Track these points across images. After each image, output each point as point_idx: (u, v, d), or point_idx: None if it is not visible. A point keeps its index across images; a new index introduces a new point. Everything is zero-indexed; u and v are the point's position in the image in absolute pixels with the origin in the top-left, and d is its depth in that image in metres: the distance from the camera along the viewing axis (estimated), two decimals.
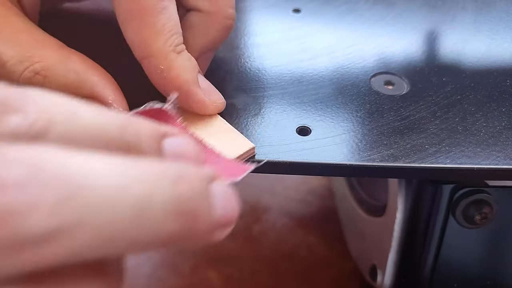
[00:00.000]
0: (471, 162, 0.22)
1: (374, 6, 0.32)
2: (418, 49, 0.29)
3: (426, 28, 0.31)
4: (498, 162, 0.22)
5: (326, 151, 0.22)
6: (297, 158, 0.22)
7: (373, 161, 0.22)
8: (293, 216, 0.42)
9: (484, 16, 0.32)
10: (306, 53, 0.28)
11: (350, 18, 0.31)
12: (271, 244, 0.40)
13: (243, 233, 0.41)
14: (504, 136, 0.24)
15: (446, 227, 0.26)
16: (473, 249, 0.27)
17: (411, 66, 0.28)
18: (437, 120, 0.24)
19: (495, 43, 0.30)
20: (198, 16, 0.24)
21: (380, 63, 0.28)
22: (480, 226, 0.26)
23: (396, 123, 0.24)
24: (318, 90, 0.26)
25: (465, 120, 0.24)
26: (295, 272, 0.38)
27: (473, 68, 0.28)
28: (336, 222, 0.40)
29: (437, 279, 0.28)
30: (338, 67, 0.27)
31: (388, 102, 0.25)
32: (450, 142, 0.23)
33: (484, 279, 0.28)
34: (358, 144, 0.23)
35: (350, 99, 0.25)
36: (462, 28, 0.31)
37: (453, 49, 0.29)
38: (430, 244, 0.27)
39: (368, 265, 0.32)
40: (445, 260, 0.27)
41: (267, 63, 0.27)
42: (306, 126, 0.24)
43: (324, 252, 0.39)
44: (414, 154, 0.22)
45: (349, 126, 0.24)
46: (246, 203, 0.43)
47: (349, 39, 0.30)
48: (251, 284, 0.37)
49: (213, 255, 0.39)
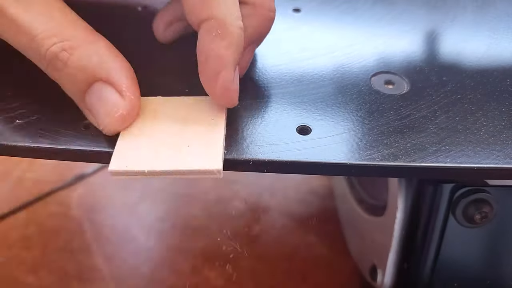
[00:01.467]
0: (471, 161, 0.22)
1: (374, 6, 0.32)
2: (418, 48, 0.29)
3: (426, 28, 0.31)
4: (498, 161, 0.22)
5: (326, 150, 0.22)
6: (297, 157, 0.22)
7: (373, 160, 0.22)
8: (293, 216, 0.42)
9: (484, 16, 0.32)
10: (306, 52, 0.28)
11: (350, 18, 0.31)
12: (271, 244, 0.40)
13: (243, 233, 0.41)
14: (504, 135, 0.23)
15: (446, 226, 0.26)
16: (473, 248, 0.27)
17: (411, 66, 0.28)
18: (437, 120, 0.24)
19: (495, 43, 0.30)
20: (244, 9, 0.24)
21: (380, 62, 0.28)
22: (480, 226, 0.26)
23: (396, 122, 0.24)
24: (318, 90, 0.26)
25: (465, 120, 0.24)
26: (295, 272, 0.38)
27: (473, 67, 0.28)
28: (336, 222, 0.40)
29: (437, 278, 0.28)
30: (338, 66, 0.27)
31: (388, 102, 0.25)
32: (450, 142, 0.23)
33: (484, 278, 0.28)
34: (358, 143, 0.23)
35: (350, 99, 0.25)
36: (462, 28, 0.31)
37: (453, 48, 0.29)
38: (430, 243, 0.27)
39: (368, 265, 0.32)
40: (445, 259, 0.27)
41: (267, 63, 0.27)
42: (306, 125, 0.24)
43: (324, 252, 0.39)
44: (414, 153, 0.22)
45: (349, 125, 0.24)
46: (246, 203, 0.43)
47: (349, 39, 0.30)
48: (251, 284, 0.37)
49: (213, 255, 0.39)
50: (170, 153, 0.22)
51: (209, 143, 0.22)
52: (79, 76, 0.22)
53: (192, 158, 0.21)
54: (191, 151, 0.22)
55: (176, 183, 0.45)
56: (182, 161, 0.21)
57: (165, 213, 0.42)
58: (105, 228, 0.41)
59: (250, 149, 0.22)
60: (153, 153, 0.22)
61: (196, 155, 0.22)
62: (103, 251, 0.39)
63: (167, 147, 0.22)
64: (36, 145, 0.22)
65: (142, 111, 0.23)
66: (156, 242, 0.40)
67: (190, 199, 0.43)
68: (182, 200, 0.43)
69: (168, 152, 0.22)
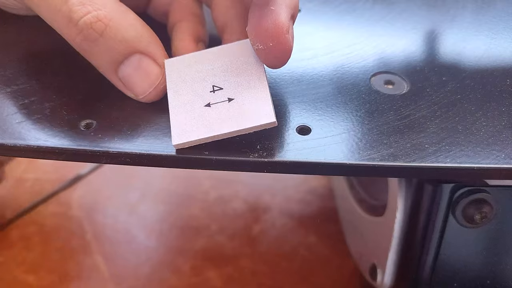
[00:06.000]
0: (471, 161, 0.22)
1: (374, 6, 0.32)
2: (418, 48, 0.29)
3: (426, 28, 0.31)
4: (498, 161, 0.22)
5: (326, 151, 0.22)
6: (297, 157, 0.22)
7: (373, 160, 0.22)
8: (293, 216, 0.42)
9: (484, 16, 0.32)
10: (306, 52, 0.28)
11: (350, 18, 0.31)
12: (271, 244, 0.40)
13: (243, 233, 0.41)
14: (504, 135, 0.23)
15: (446, 226, 0.26)
16: (473, 248, 0.27)
17: (411, 66, 0.28)
18: (437, 120, 0.24)
19: (495, 43, 0.30)
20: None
21: (380, 62, 0.28)
22: (480, 226, 0.26)
23: (396, 122, 0.24)
24: (318, 90, 0.26)
25: (465, 120, 0.24)
26: (295, 272, 0.38)
27: (473, 67, 0.28)
28: (336, 222, 0.40)
29: (437, 278, 0.28)
30: (338, 66, 0.27)
31: (388, 102, 0.25)
32: (450, 142, 0.23)
33: (484, 278, 0.28)
34: (358, 144, 0.23)
35: (350, 99, 0.25)
36: (462, 28, 0.31)
37: (453, 48, 0.29)
38: (430, 243, 0.27)
39: (368, 264, 0.32)
40: (445, 259, 0.27)
41: None
42: (306, 126, 0.24)
43: (324, 252, 0.39)
44: (414, 153, 0.22)
45: (349, 125, 0.24)
46: (246, 203, 0.43)
47: (349, 39, 0.30)
48: (251, 284, 0.37)
49: (213, 255, 0.39)
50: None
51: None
52: (117, 47, 0.22)
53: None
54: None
55: (176, 183, 0.45)
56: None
57: (165, 213, 0.42)
58: (105, 228, 0.41)
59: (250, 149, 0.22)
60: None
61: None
62: (103, 251, 0.39)
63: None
64: (36, 145, 0.22)
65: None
66: (156, 242, 0.40)
67: (190, 199, 0.43)
68: (182, 200, 0.43)
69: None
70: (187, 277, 0.38)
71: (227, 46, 0.25)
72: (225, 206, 0.43)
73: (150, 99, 0.24)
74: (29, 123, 0.23)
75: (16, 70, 0.26)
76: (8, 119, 0.23)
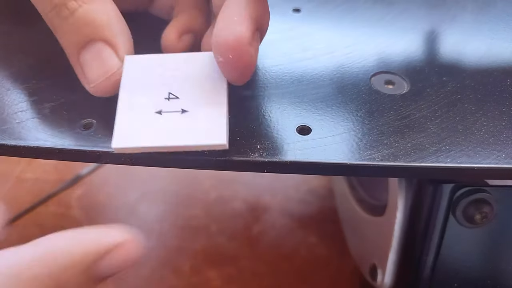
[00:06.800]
0: (471, 161, 0.22)
1: (373, 6, 0.32)
2: (418, 48, 0.29)
3: (426, 28, 0.31)
4: (499, 161, 0.22)
5: (326, 151, 0.22)
6: (297, 157, 0.22)
7: (373, 161, 0.22)
8: (293, 216, 0.42)
9: (484, 16, 0.32)
10: (306, 52, 0.28)
11: (350, 18, 0.31)
12: (271, 244, 0.40)
13: (243, 233, 0.41)
14: (504, 135, 0.23)
15: (446, 226, 0.26)
16: (473, 248, 0.27)
17: (411, 66, 0.28)
18: (437, 120, 0.24)
19: (495, 43, 0.30)
20: None
21: (380, 62, 0.28)
22: (480, 226, 0.26)
23: (396, 122, 0.24)
24: (318, 90, 0.26)
25: (466, 120, 0.24)
26: (295, 272, 0.38)
27: (473, 67, 0.28)
28: (336, 222, 0.40)
29: (437, 278, 0.28)
30: (338, 66, 0.27)
31: (388, 102, 0.25)
32: (450, 142, 0.23)
33: (484, 278, 0.28)
34: (358, 143, 0.23)
35: (350, 99, 0.25)
36: (462, 28, 0.31)
37: (453, 48, 0.29)
38: (430, 243, 0.27)
39: (368, 264, 0.32)
40: (445, 259, 0.27)
41: (267, 63, 0.27)
42: (306, 125, 0.24)
43: (324, 252, 0.39)
44: (414, 153, 0.22)
45: (349, 125, 0.24)
46: (246, 203, 0.43)
47: (349, 39, 0.30)
48: (251, 284, 0.37)
49: (213, 255, 0.39)
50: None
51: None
52: (83, 30, 0.22)
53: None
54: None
55: (176, 183, 0.45)
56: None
57: (165, 213, 0.42)
58: None
59: (250, 149, 0.22)
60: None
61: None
62: None
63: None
64: (36, 145, 0.22)
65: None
66: (156, 242, 0.40)
67: (190, 199, 0.43)
68: (182, 200, 0.43)
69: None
70: (187, 277, 0.38)
71: (195, 55, 0.24)
72: (225, 206, 0.43)
73: (100, 91, 0.23)
74: (29, 123, 0.23)
75: (16, 70, 0.26)
76: (8, 119, 0.23)
